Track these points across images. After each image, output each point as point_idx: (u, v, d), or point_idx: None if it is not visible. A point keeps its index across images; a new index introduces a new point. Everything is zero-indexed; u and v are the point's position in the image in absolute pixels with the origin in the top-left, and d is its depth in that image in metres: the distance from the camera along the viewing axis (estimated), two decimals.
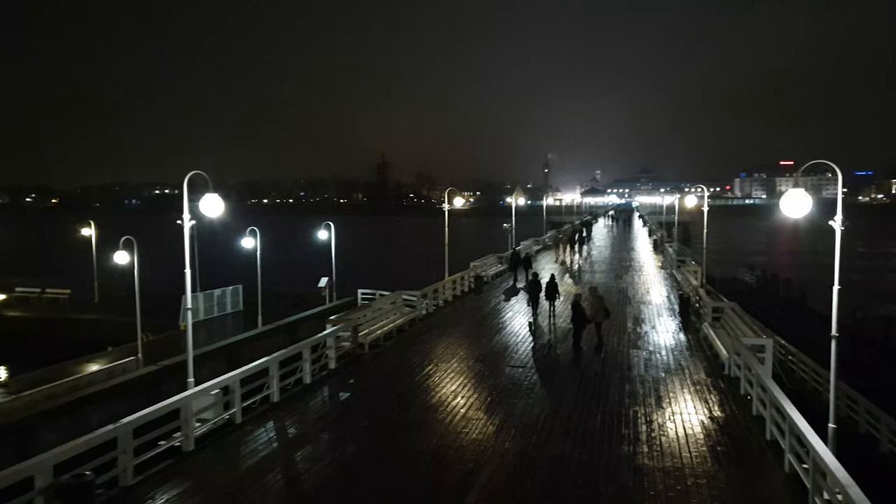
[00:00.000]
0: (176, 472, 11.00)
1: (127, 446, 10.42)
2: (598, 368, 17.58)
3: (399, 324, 22.21)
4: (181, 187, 13.73)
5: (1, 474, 8.66)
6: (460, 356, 18.84)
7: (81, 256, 46.15)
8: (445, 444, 12.05)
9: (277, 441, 12.67)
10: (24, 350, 34.00)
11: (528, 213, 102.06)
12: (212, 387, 12.79)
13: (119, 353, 27.82)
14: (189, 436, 11.86)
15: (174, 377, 23.05)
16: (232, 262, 42.92)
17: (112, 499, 10.00)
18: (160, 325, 33.43)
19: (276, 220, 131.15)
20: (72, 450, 9.62)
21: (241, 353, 26.82)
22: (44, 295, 42.13)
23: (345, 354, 18.56)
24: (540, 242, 54.74)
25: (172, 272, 36.93)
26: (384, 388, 15.98)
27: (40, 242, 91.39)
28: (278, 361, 14.87)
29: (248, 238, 31.75)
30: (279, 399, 14.73)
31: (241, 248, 34.07)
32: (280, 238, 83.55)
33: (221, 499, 10.00)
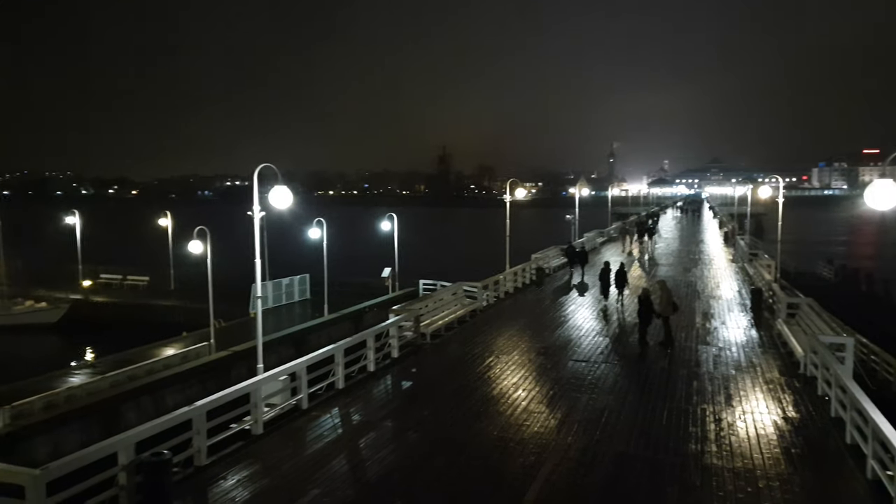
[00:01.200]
0: (246, 455, 11.41)
1: (201, 428, 10.87)
2: (665, 364, 17.17)
3: (460, 315, 22.30)
4: (251, 179, 14.15)
5: (90, 449, 9.22)
6: (521, 348, 18.76)
7: (159, 245, 48.31)
8: (507, 436, 12.04)
9: (342, 427, 12.96)
10: (108, 333, 35.97)
11: (592, 204, 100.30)
12: (280, 373, 13.19)
13: (193, 338, 29.03)
14: (258, 420, 12.27)
15: (244, 362, 23.93)
16: (299, 251, 44.04)
17: (187, 477, 10.46)
18: (231, 312, 34.72)
19: (342, 212, 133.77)
20: (151, 429, 10.12)
21: (308, 340, 27.59)
22: (125, 282, 44.39)
23: (407, 344, 18.79)
24: (604, 234, 53.74)
25: (243, 261, 38.30)
26: (445, 379, 16.09)
27: (121, 232, 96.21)
28: (343, 349, 15.18)
29: (314, 229, 32.48)
30: (344, 386, 15.05)
31: (309, 239, 34.92)
32: (345, 229, 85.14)
33: (289, 482, 10.32)
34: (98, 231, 60.88)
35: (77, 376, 23.70)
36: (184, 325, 33.25)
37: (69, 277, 44.64)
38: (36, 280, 42.08)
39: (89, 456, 9.17)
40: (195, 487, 10.15)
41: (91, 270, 45.74)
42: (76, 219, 47.15)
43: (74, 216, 47.42)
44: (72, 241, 46.62)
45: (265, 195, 14.04)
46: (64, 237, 51.52)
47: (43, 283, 42.84)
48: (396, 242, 37.36)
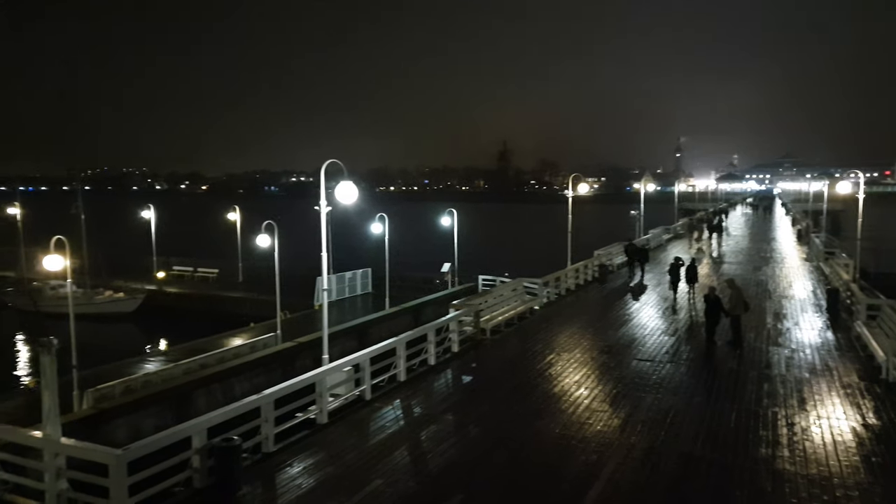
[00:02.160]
0: (311, 443, 11.71)
1: (269, 415, 11.22)
2: (734, 365, 16.64)
3: (520, 311, 22.19)
4: (315, 175, 14.45)
5: (166, 433, 9.69)
6: (583, 346, 18.53)
7: (227, 239, 49.98)
8: (569, 434, 11.93)
9: (404, 419, 13.13)
10: (180, 322, 37.51)
11: (657, 199, 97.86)
12: (345, 364, 13.47)
13: (260, 328, 29.91)
14: (323, 409, 12.57)
15: (308, 353, 24.49)
16: (361, 246, 44.77)
17: (255, 463, 10.82)
18: (296, 304, 35.56)
19: (402, 207, 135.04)
20: (222, 415, 10.51)
21: (370, 332, 28.00)
22: (196, 273, 46.09)
23: (467, 339, 18.84)
24: (670, 231, 52.39)
25: (307, 255, 39.18)
26: (506, 374, 16.06)
27: (193, 226, 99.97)
28: (405, 342, 15.36)
29: (377, 224, 32.91)
30: (405, 378, 15.24)
31: (371, 234, 35.40)
32: (405, 224, 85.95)
33: (353, 471, 10.53)
34: (171, 225, 63.43)
35: (152, 363, 24.79)
36: (251, 316, 34.30)
37: (145, 269, 46.74)
38: (115, 271, 44.19)
39: (166, 439, 9.62)
40: (263, 473, 10.49)
41: (165, 262, 47.72)
42: (151, 213, 49.30)
43: (150, 210, 49.60)
44: (147, 235, 48.81)
45: (331, 191, 14.32)
46: (140, 231, 53.97)
47: (121, 274, 44.95)
48: (456, 238, 37.44)
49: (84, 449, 9.46)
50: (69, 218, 37.52)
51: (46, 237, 18.80)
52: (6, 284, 44.68)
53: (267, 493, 9.94)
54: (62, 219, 35.13)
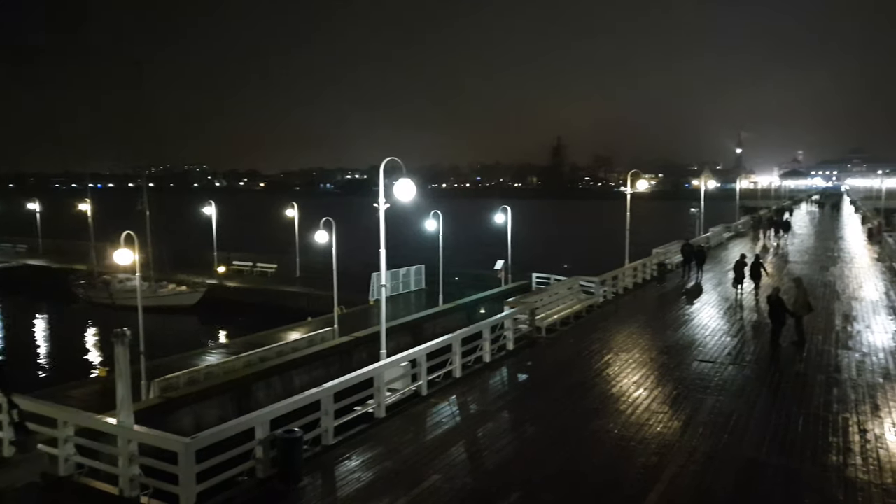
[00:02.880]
0: (369, 437, 11.88)
1: (329, 408, 11.43)
2: (800, 368, 16.05)
3: (576, 309, 21.94)
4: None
5: (231, 423, 10.00)
6: (642, 346, 18.18)
7: (285, 234, 51.13)
8: (627, 435, 11.74)
9: (460, 415, 13.17)
10: (239, 316, 38.59)
11: (717, 196, 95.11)
12: (402, 359, 13.61)
13: (317, 323, 30.46)
14: (381, 403, 12.73)
15: (364, 347, 24.85)
16: (415, 242, 45.09)
17: (315, 455, 11.04)
18: (351, 299, 36.10)
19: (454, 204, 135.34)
20: (285, 407, 10.77)
21: (424, 328, 28.18)
22: (255, 268, 47.31)
23: (522, 337, 18.75)
24: (731, 229, 50.84)
25: (362, 251, 39.73)
26: (562, 373, 15.91)
27: (251, 221, 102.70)
28: (461, 339, 15.40)
29: (430, 220, 33.05)
30: (461, 375, 15.28)
31: (424, 230, 35.61)
32: (457, 221, 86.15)
33: (410, 466, 10.63)
34: (231, 221, 65.29)
35: (213, 355, 25.58)
36: (308, 311, 34.99)
37: (206, 263, 48.26)
38: (178, 265, 45.76)
39: (231, 429, 9.93)
40: (323, 465, 10.70)
41: (225, 257, 49.15)
42: (212, 209, 50.84)
43: (211, 207, 51.15)
44: (208, 230, 50.35)
45: (387, 188, 14.48)
46: (201, 226, 55.73)
47: (183, 268, 46.53)
48: (510, 235, 37.27)
49: (155, 436, 9.85)
50: (135, 214, 39.04)
51: (114, 232, 19.62)
52: (78, 277, 46.81)
53: (326, 485, 10.14)
54: (128, 215, 36.55)
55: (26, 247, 60.22)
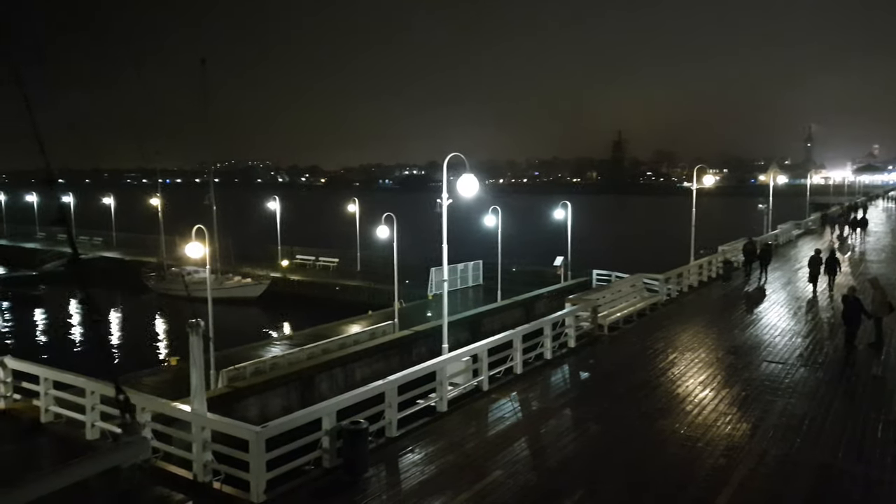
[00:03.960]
0: (432, 430, 11.99)
1: (393, 401, 11.59)
2: (878, 371, 15.32)
3: (639, 307, 21.53)
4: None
5: (299, 414, 10.28)
6: (708, 346, 17.71)
7: (345, 229, 52.02)
8: (694, 436, 11.47)
9: (522, 411, 13.14)
10: (301, 309, 39.54)
11: (786, 192, 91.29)
12: (463, 354, 13.67)
13: (377, 316, 30.91)
14: (443, 397, 12.83)
15: (423, 342, 25.08)
16: (472, 238, 45.08)
17: (380, 447, 11.22)
18: (410, 293, 36.45)
19: (511, 200, 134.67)
20: (350, 399, 10.98)
21: (482, 324, 28.23)
22: (317, 262, 48.34)
23: (584, 334, 18.54)
24: (801, 226, 48.84)
25: (420, 246, 40.02)
26: (625, 372, 15.67)
27: (313, 216, 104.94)
28: (521, 335, 15.35)
29: (489, 216, 32.99)
30: (522, 371, 15.24)
31: (481, 226, 35.57)
32: (515, 217, 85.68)
33: (473, 460, 10.68)
34: (293, 215, 66.75)
35: (277, 347, 26.31)
36: (367, 305, 35.54)
37: (270, 257, 49.61)
38: (242, 258, 47.19)
39: (299, 419, 10.19)
40: (387, 457, 10.86)
41: (288, 251, 50.42)
42: (277, 204, 52.18)
43: (275, 202, 52.50)
44: (271, 224, 51.71)
45: (441, 184, 14.54)
46: (265, 220, 57.26)
47: (248, 261, 47.96)
48: (570, 231, 36.85)
49: (227, 424, 10.21)
50: (202, 208, 40.42)
51: (182, 226, 20.36)
52: (149, 269, 48.88)
53: (391, 476, 10.30)
54: (196, 209, 37.85)
55: (101, 239, 63.30)
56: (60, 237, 68.07)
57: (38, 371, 12.65)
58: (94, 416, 11.74)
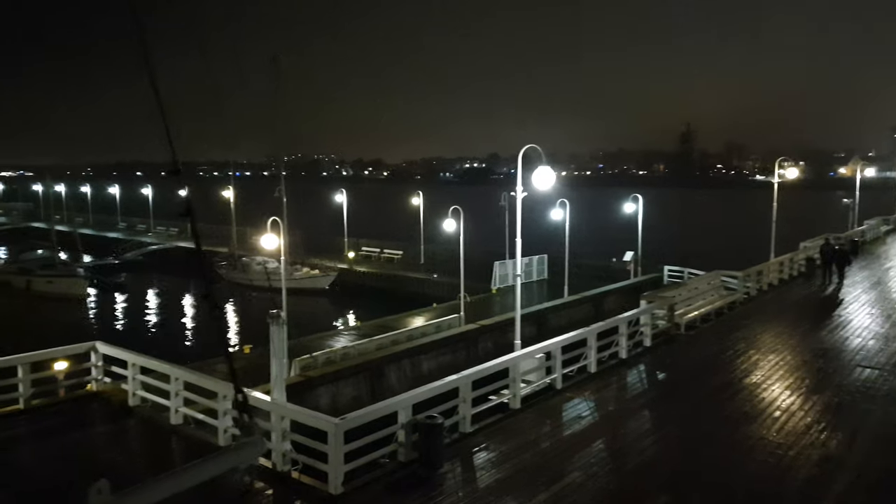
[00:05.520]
0: (505, 427, 11.80)
1: (467, 396, 11.45)
2: None
3: (717, 306, 20.69)
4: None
5: (376, 406, 10.26)
6: (792, 347, 16.83)
7: (408, 222, 52.36)
8: (785, 444, 10.85)
9: (598, 411, 12.78)
10: (367, 300, 40.03)
11: (872, 185, 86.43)
12: (536, 351, 13.40)
13: (442, 309, 30.93)
14: (516, 394, 12.61)
15: (489, 336, 24.88)
16: (537, 231, 44.49)
17: (454, 441, 11.10)
18: (473, 287, 36.29)
19: (575, 193, 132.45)
20: (425, 393, 10.89)
21: (549, 320, 27.78)
22: (382, 254, 48.84)
23: (659, 333, 17.93)
24: (890, 222, 46.04)
25: (482, 240, 39.73)
26: (705, 373, 15.05)
27: (377, 209, 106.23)
28: (596, 333, 14.95)
29: (557, 209, 32.44)
30: (596, 370, 14.84)
31: (545, 219, 34.98)
32: (579, 210, 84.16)
33: (549, 460, 10.43)
34: (358, 208, 67.65)
35: (345, 337, 26.66)
36: (431, 297, 35.62)
37: (337, 249, 50.43)
38: (310, 250, 48.12)
39: (376, 412, 10.17)
40: (461, 453, 10.74)
41: (354, 243, 51.14)
42: (343, 197, 52.95)
43: (342, 195, 53.28)
44: (337, 217, 52.51)
45: (502, 176, 14.27)
46: (331, 213, 58.20)
47: (316, 252, 48.89)
48: (641, 225, 35.87)
49: (307, 415, 10.28)
50: (271, 200, 41.37)
51: (252, 217, 20.75)
52: (220, 259, 50.48)
53: (466, 473, 10.17)
54: (266, 201, 38.74)
55: (177, 230, 65.81)
56: (140, 227, 71.41)
57: (126, 356, 13.13)
58: (177, 402, 12.09)
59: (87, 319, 38.44)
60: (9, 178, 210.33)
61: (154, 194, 70.85)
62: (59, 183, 74.02)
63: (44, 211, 72.83)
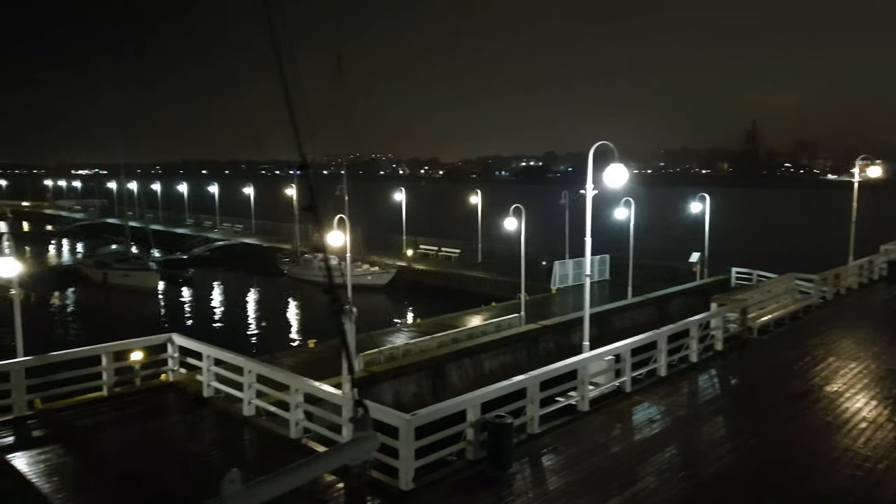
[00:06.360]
0: (574, 430, 11.62)
1: (535, 397, 11.33)
2: None
3: (792, 310, 19.88)
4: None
5: (445, 404, 10.26)
6: (875, 355, 15.99)
7: (464, 220, 52.35)
8: (871, 456, 10.31)
9: (669, 416, 12.44)
10: (425, 297, 40.21)
11: None
12: (605, 353, 13.15)
13: (500, 308, 30.75)
14: (584, 397, 12.40)
15: (551, 336, 24.63)
16: (597, 231, 43.76)
17: (521, 442, 11.00)
18: (532, 286, 35.97)
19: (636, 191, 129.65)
20: (494, 392, 10.83)
21: (612, 321, 27.27)
22: (440, 252, 49.00)
23: (731, 337, 17.34)
24: None
25: (540, 239, 39.28)
26: (781, 380, 14.46)
27: (434, 207, 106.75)
28: (666, 336, 14.57)
29: (621, 209, 31.82)
30: (666, 374, 14.47)
31: (610, 218, 34.33)
32: (642, 209, 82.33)
33: (621, 464, 10.21)
34: (414, 206, 68.11)
35: (405, 334, 26.84)
36: (489, 296, 35.47)
37: (395, 246, 50.86)
38: (370, 247, 48.70)
39: (445, 409, 10.16)
40: (530, 454, 10.63)
41: (412, 241, 51.48)
42: (402, 195, 53.37)
43: (401, 193, 53.72)
44: (395, 215, 52.94)
45: (558, 174, 14.01)
46: (389, 211, 58.74)
47: (375, 250, 49.44)
48: (708, 225, 34.82)
49: (379, 410, 10.34)
50: (332, 199, 42.01)
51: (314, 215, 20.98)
52: (283, 255, 51.67)
53: (536, 474, 10.06)
54: (325, 200, 39.32)
55: (242, 226, 67.75)
56: (206, 223, 73.84)
57: (201, 348, 13.55)
58: (250, 394, 12.40)
59: (158, 311, 39.98)
60: (85, 176, 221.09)
61: (220, 192, 73.10)
62: (131, 181, 77.27)
63: (117, 207, 76.16)
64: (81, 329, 35.00)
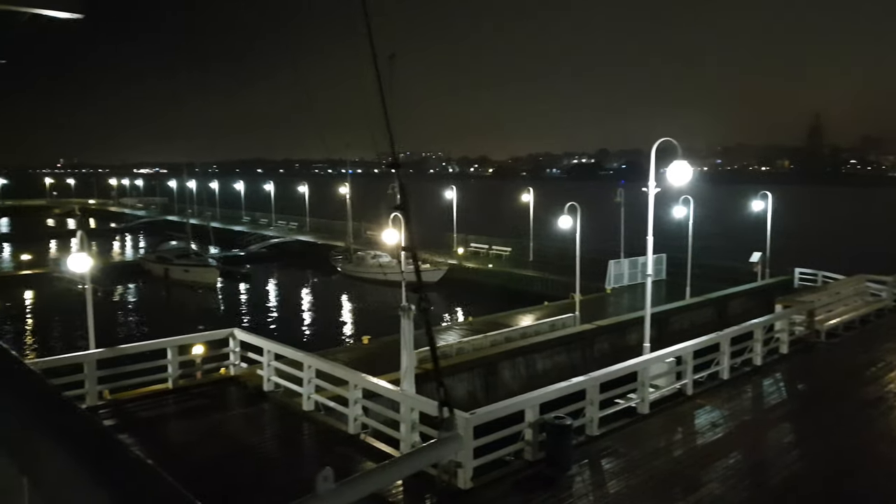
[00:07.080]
0: (634, 432, 11.39)
1: (594, 398, 11.16)
2: None
3: (863, 313, 19.04)
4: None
5: (504, 403, 10.22)
6: None
7: (515, 218, 52.04)
8: None
9: (733, 420, 12.07)
10: (476, 295, 40.15)
11: None
12: (666, 355, 12.86)
13: (553, 308, 30.41)
14: (645, 399, 12.15)
15: (606, 337, 24.24)
16: (654, 229, 42.88)
17: (580, 444, 10.84)
18: (585, 286, 35.46)
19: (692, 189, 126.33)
20: (553, 393, 10.72)
21: (669, 322, 26.68)
22: (490, 251, 48.85)
23: (797, 340, 16.72)
24: None
25: (594, 237, 38.68)
26: (851, 386, 13.87)
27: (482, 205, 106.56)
28: (730, 338, 14.15)
29: (679, 207, 31.09)
30: (728, 377, 14.05)
31: (667, 217, 33.57)
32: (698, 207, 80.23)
33: (684, 468, 9.96)
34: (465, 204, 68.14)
35: (457, 332, 26.85)
36: (540, 295, 35.13)
37: (446, 244, 50.97)
38: (421, 245, 49.00)
39: (504, 409, 10.11)
40: (589, 455, 10.47)
41: (463, 239, 51.48)
42: (453, 193, 53.42)
43: (452, 191, 53.79)
44: (446, 213, 53.01)
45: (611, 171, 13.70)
46: (439, 209, 58.90)
47: (426, 247, 49.67)
48: (770, 224, 33.67)
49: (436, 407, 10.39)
50: (384, 197, 42.35)
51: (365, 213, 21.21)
52: (337, 252, 52.42)
53: (595, 476, 9.91)
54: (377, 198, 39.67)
55: (296, 224, 69.07)
56: (262, 221, 75.62)
57: (262, 343, 13.86)
58: (310, 389, 12.60)
59: (217, 306, 41.15)
60: (147, 174, 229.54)
61: (275, 190, 74.68)
62: (190, 179, 79.84)
63: (178, 205, 78.68)
64: (144, 323, 36.29)
